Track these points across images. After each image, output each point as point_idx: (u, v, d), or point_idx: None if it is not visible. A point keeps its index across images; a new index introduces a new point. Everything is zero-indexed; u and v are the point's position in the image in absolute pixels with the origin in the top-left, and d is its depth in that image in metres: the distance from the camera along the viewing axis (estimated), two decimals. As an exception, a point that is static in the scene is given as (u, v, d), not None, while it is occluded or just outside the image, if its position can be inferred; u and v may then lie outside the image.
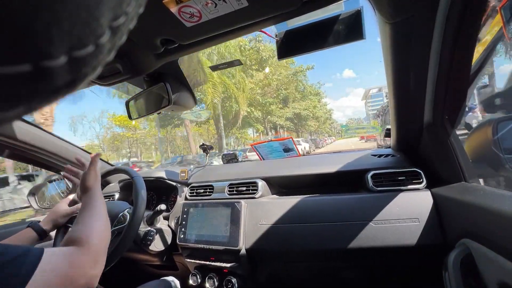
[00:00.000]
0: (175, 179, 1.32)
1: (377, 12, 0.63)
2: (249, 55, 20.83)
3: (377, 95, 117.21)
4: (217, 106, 16.67)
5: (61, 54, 0.11)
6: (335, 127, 79.53)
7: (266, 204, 1.02)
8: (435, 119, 0.80)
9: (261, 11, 0.58)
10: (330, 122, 60.81)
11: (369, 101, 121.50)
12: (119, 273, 1.36)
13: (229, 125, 20.75)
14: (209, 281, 1.02)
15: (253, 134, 28.12)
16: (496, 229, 0.54)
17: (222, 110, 17.96)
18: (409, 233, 0.80)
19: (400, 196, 0.87)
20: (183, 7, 0.54)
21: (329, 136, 44.66)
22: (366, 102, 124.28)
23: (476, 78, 0.70)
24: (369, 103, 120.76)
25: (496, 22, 0.65)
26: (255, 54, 21.19)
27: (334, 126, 79.39)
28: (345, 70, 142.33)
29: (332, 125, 75.73)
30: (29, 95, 0.11)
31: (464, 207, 0.67)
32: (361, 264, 0.98)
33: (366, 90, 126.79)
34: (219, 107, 17.04)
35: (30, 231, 0.86)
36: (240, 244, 0.96)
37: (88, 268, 0.54)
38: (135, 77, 0.78)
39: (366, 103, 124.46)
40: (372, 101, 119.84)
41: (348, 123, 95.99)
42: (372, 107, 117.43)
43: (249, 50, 20.72)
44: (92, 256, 0.56)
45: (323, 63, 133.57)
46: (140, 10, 0.14)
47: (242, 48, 19.53)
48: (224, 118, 18.65)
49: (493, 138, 0.82)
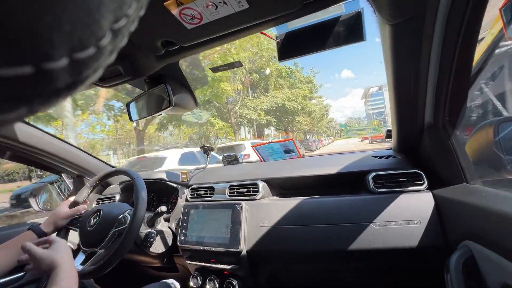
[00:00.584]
0: (175, 181, 1.32)
1: (377, 14, 0.63)
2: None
3: (377, 94, 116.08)
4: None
5: (62, 56, 0.11)
6: (333, 126, 76.39)
7: (267, 205, 1.02)
8: (436, 120, 0.80)
9: (261, 13, 0.58)
10: (328, 121, 56.50)
11: (369, 100, 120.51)
12: (119, 274, 1.35)
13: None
14: (210, 283, 1.01)
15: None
16: (498, 231, 0.53)
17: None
18: (410, 235, 0.80)
19: (401, 198, 0.86)
20: (184, 9, 0.54)
21: (327, 136, 42.16)
22: (366, 101, 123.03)
23: (477, 79, 0.70)
24: (369, 102, 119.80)
25: (497, 23, 0.65)
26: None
27: (333, 125, 76.31)
28: (343, 71, 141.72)
29: (330, 124, 71.70)
30: (30, 97, 0.11)
31: (466, 209, 0.67)
32: (362, 266, 0.98)
33: (366, 89, 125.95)
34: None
35: (31, 233, 0.86)
36: (240, 245, 0.96)
37: None
38: (136, 79, 0.79)
39: (366, 102, 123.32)
40: (372, 100, 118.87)
41: (348, 123, 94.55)
42: (372, 106, 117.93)
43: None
44: None
45: (322, 64, 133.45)
46: (141, 13, 0.14)
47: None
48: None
49: (495, 139, 0.81)
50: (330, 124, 73.81)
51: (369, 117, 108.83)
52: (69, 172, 1.42)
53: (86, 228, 0.96)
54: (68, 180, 1.46)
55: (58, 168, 1.35)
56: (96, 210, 1.01)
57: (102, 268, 0.83)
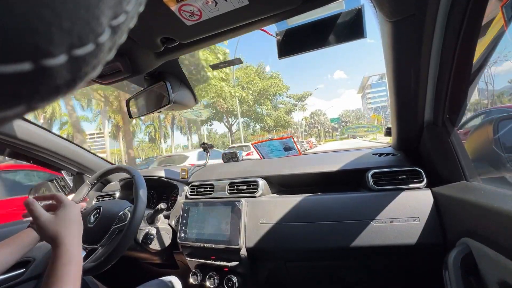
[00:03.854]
0: (175, 178, 1.32)
1: (378, 11, 0.62)
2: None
3: (378, 84, 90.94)
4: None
5: (61, 52, 0.11)
6: (322, 122, 61.32)
7: (266, 203, 1.03)
8: (436, 118, 0.80)
9: (261, 9, 0.57)
10: (315, 113, 47.57)
11: (368, 92, 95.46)
12: (119, 271, 1.36)
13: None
14: (210, 279, 1.02)
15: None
16: (497, 228, 0.54)
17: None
18: (410, 232, 0.80)
19: (400, 195, 0.87)
20: (183, 6, 0.54)
21: (307, 140, 27.07)
22: (364, 95, 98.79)
23: (477, 77, 0.70)
24: (368, 95, 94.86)
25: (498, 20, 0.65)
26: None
27: (321, 121, 61.10)
28: (336, 72, 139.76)
29: (317, 119, 58.18)
30: (29, 94, 0.11)
31: (465, 206, 0.67)
32: (361, 263, 0.98)
33: (364, 78, 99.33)
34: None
35: (30, 231, 0.85)
36: (240, 243, 0.96)
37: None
38: (136, 76, 0.78)
39: (364, 96, 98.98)
40: (372, 92, 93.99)
41: (343, 117, 74.13)
42: (372, 100, 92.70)
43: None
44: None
45: (314, 64, 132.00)
46: (141, 9, 0.14)
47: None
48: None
49: (494, 137, 0.81)
50: (316, 119, 60.07)
51: (368, 114, 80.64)
52: (69, 170, 1.42)
53: (86, 225, 0.96)
54: (68, 177, 1.47)
55: (58, 166, 1.35)
56: (96, 207, 1.02)
57: (102, 265, 0.83)
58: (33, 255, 1.14)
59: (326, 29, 0.72)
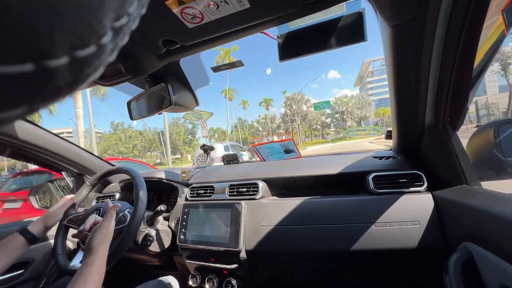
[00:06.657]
0: (175, 180, 1.32)
1: (379, 14, 0.63)
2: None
3: (382, 72, 71.77)
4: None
5: (63, 54, 0.11)
6: (304, 113, 37.92)
7: (266, 205, 1.02)
8: (436, 122, 0.80)
9: (263, 12, 0.58)
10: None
11: (368, 81, 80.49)
12: (119, 273, 1.35)
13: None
14: (209, 282, 1.01)
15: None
16: (498, 233, 0.53)
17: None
18: (410, 236, 0.80)
19: (401, 199, 0.86)
20: (185, 8, 0.54)
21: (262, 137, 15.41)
22: (363, 84, 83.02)
23: (478, 80, 0.70)
24: (368, 85, 79.80)
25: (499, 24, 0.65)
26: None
27: (303, 112, 37.36)
28: (330, 71, 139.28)
29: (294, 109, 35.54)
30: (31, 95, 0.11)
31: (466, 210, 0.67)
32: (362, 267, 0.98)
33: (364, 64, 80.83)
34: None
35: (17, 235, 0.81)
36: (240, 245, 0.96)
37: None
38: (137, 78, 0.79)
39: (363, 86, 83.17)
40: (374, 81, 78.28)
41: (337, 104, 51.37)
42: (373, 90, 77.19)
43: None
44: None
45: (307, 64, 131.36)
46: (143, 11, 0.14)
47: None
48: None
49: (495, 140, 0.81)
50: (298, 107, 40.28)
51: (371, 106, 56.17)
52: (70, 171, 1.42)
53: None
54: (69, 178, 1.47)
55: (59, 166, 1.35)
56: (96, 209, 1.01)
57: None
58: (32, 256, 1.13)
59: (327, 32, 0.72)
